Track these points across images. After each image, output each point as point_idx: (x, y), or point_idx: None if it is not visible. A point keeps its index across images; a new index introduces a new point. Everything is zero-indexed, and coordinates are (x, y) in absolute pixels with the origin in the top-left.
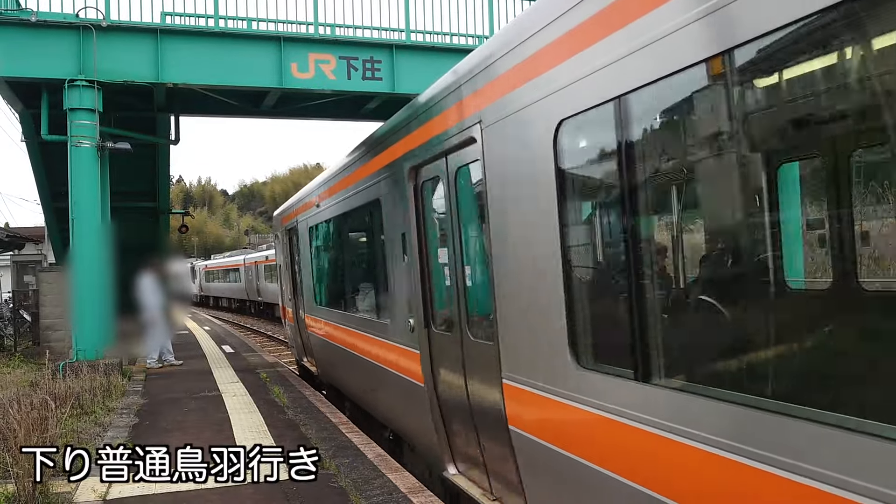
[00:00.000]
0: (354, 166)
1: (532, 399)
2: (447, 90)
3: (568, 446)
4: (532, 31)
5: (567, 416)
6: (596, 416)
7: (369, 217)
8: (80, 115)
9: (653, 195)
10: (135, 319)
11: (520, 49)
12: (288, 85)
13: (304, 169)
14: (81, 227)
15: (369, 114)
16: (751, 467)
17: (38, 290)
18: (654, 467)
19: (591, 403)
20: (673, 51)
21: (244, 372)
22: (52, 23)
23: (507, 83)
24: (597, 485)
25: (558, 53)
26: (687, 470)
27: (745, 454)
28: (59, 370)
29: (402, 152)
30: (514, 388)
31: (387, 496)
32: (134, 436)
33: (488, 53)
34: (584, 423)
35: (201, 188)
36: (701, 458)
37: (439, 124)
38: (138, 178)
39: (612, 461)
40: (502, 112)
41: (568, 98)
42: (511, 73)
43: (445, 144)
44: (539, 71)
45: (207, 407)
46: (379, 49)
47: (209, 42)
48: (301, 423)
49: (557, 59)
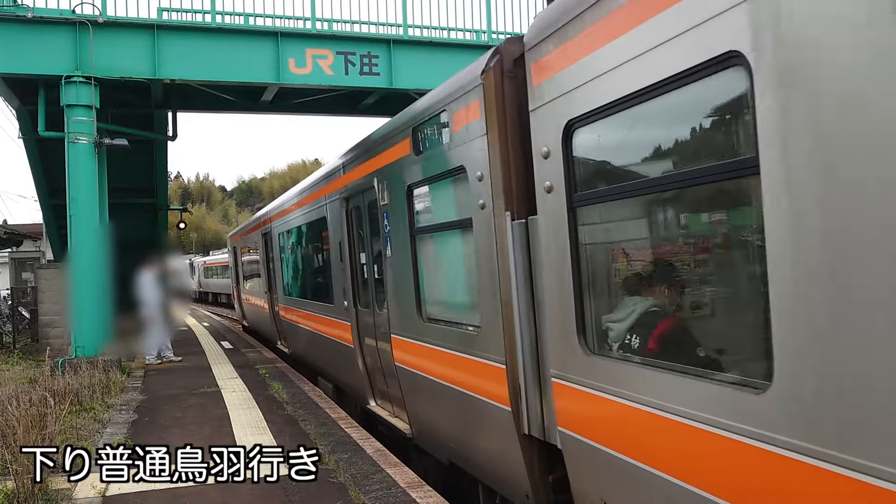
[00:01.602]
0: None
1: (405, 345)
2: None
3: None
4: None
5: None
6: (433, 349)
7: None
8: (78, 111)
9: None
10: (134, 316)
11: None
12: (285, 80)
13: (302, 165)
14: (79, 223)
15: (367, 109)
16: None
17: (37, 287)
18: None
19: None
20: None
21: (243, 368)
22: (49, 19)
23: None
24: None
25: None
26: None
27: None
28: (58, 367)
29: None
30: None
31: (386, 491)
32: (133, 432)
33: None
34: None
35: (199, 184)
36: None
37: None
38: (136, 174)
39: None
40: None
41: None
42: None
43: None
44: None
45: (207, 403)
46: (376, 44)
47: (206, 38)
48: (300, 419)
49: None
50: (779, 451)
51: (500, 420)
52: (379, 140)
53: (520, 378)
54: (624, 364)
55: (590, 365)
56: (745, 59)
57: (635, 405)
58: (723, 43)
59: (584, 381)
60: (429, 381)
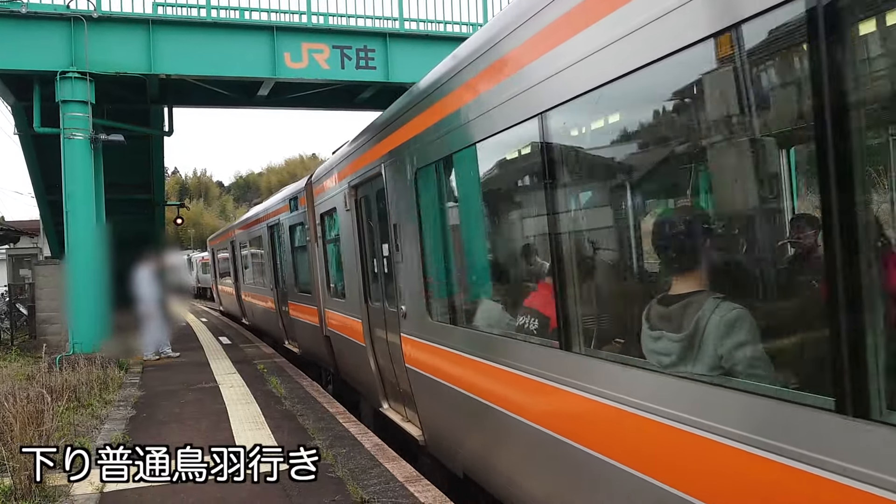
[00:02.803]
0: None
1: (418, 345)
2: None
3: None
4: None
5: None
6: (440, 349)
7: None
8: (73, 107)
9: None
10: (131, 312)
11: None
12: (281, 75)
13: (299, 160)
14: (76, 220)
15: (363, 103)
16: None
17: (34, 284)
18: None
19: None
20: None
21: (241, 363)
22: (43, 14)
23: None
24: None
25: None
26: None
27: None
28: (56, 363)
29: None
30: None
31: (384, 485)
32: (131, 428)
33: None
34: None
35: (197, 180)
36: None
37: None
38: (133, 170)
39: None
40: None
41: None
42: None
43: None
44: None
45: (205, 398)
46: (372, 38)
47: (202, 32)
48: (298, 414)
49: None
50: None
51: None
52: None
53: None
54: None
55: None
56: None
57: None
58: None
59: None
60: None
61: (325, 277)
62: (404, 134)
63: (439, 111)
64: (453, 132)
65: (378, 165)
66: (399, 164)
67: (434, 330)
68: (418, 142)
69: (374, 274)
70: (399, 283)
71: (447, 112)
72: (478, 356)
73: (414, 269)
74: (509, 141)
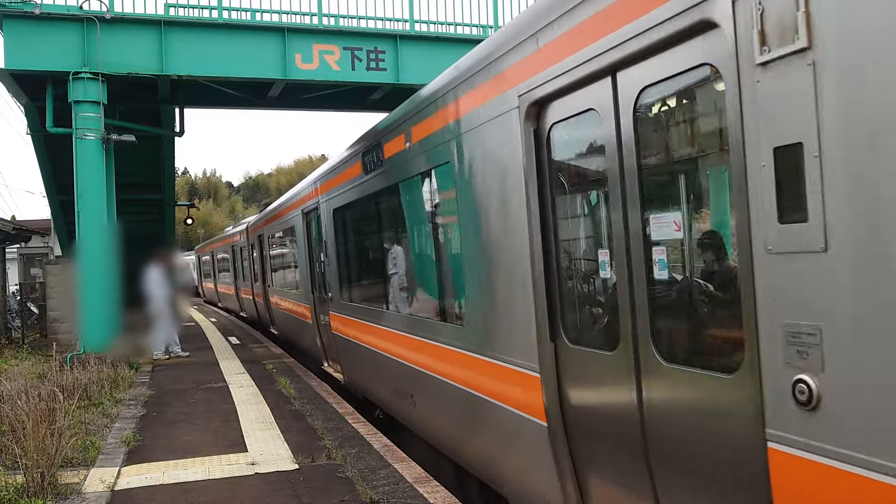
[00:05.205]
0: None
1: (337, 318)
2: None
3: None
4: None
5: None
6: (347, 318)
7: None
8: (85, 107)
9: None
10: (141, 311)
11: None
12: (292, 76)
13: (308, 160)
14: (87, 219)
15: (374, 104)
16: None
17: (45, 283)
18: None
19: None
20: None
21: (250, 363)
22: (57, 15)
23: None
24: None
25: (337, 180)
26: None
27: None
28: (67, 362)
29: (306, 201)
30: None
31: (393, 486)
32: (141, 427)
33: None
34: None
35: (206, 180)
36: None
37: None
38: (144, 170)
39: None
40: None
41: (340, 198)
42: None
43: (314, 205)
44: (333, 185)
45: (214, 398)
46: (383, 40)
47: (213, 33)
48: (307, 414)
49: (329, 187)
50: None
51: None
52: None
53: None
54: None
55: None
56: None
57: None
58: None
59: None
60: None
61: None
62: (326, 187)
63: (335, 182)
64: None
65: (317, 201)
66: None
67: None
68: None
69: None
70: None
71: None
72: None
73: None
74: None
